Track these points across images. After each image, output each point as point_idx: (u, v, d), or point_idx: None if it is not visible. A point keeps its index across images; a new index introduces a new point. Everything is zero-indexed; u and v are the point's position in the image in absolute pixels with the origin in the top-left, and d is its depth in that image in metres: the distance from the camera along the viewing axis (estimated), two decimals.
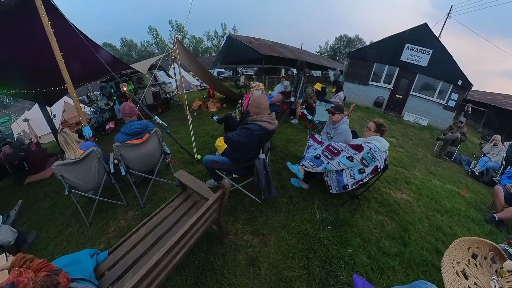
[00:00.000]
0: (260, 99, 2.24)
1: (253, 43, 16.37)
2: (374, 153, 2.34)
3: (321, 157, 2.51)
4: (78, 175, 2.46)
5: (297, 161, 3.17)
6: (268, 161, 2.69)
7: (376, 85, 10.36)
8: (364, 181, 2.42)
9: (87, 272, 1.43)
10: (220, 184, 1.58)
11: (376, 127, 2.57)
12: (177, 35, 4.43)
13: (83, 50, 3.57)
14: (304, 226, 2.31)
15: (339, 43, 58.64)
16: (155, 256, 1.16)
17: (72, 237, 2.57)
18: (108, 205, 2.85)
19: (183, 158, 3.89)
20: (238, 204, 2.63)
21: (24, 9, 2.47)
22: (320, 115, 4.69)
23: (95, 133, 5.78)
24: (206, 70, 7.28)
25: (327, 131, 3.15)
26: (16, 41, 3.07)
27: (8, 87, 5.17)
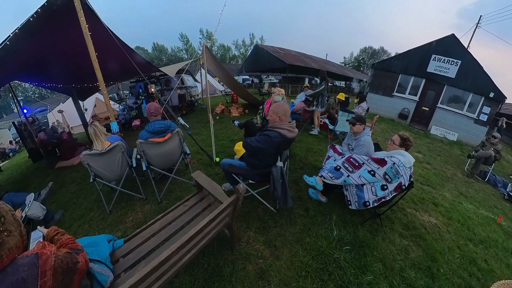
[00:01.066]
0: (281, 106, 2.25)
1: (278, 52, 17.11)
2: (398, 169, 2.21)
3: (341, 169, 2.43)
4: (103, 166, 2.67)
5: (315, 172, 3.08)
6: (285, 170, 2.66)
7: (401, 96, 10.10)
8: (386, 199, 2.27)
9: (104, 255, 1.54)
10: (235, 188, 1.59)
11: (400, 140, 2.45)
12: (206, 42, 4.68)
13: (117, 52, 3.95)
14: (320, 243, 2.21)
15: (364, 54, 59.28)
16: (166, 251, 1.21)
17: (93, 221, 2.82)
18: (128, 197, 3.05)
19: (202, 160, 4.01)
20: (252, 211, 2.61)
21: (69, 10, 2.77)
22: (342, 125, 4.63)
23: (121, 129, 6.20)
24: (231, 76, 7.57)
25: (348, 142, 3.07)
26: (60, 38, 3.49)
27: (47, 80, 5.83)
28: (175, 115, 4.04)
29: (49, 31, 3.12)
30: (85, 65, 3.42)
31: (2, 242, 0.89)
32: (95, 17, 3.13)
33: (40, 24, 2.78)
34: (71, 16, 2.76)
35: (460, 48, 8.44)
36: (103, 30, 3.41)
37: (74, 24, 2.80)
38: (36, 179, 4.75)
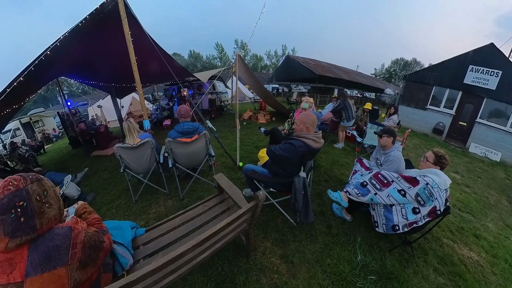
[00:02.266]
0: (310, 116, 2.25)
1: (309, 63, 17.70)
2: (432, 190, 2.00)
3: (368, 185, 2.28)
4: (133, 159, 2.92)
5: (341, 186, 2.93)
6: (309, 181, 2.59)
7: (435, 109, 9.36)
8: (419, 225, 2.07)
9: (126, 240, 1.66)
10: (255, 195, 1.59)
11: (435, 158, 2.24)
12: (240, 52, 4.93)
13: (155, 57, 4.34)
14: (342, 267, 2.06)
15: (395, 66, 57.97)
16: (183, 247, 1.25)
17: (120, 208, 3.09)
18: (153, 190, 3.27)
19: (225, 163, 4.11)
20: (271, 220, 2.57)
21: (114, 17, 3.12)
22: (371, 138, 4.44)
23: (153, 127, 6.68)
24: (261, 84, 7.79)
25: (376, 157, 2.91)
26: (104, 42, 3.95)
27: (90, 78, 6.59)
28: (203, 118, 4.22)
29: (95, 35, 3.55)
30: (125, 67, 3.81)
31: (43, 212, 1.03)
32: (138, 24, 3.50)
33: (88, 29, 3.16)
34: (116, 22, 3.11)
35: (501, 58, 7.65)
36: (144, 37, 3.79)
37: (118, 30, 3.15)
38: (74, 163, 5.41)
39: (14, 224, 0.94)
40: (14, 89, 2.90)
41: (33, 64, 2.82)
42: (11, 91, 2.89)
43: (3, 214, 0.93)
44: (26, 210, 0.97)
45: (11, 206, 0.94)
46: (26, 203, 0.98)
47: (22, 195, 0.98)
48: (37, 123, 14.89)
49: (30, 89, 4.57)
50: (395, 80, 52.97)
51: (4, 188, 0.95)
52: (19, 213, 0.95)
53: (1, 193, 0.94)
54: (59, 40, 2.90)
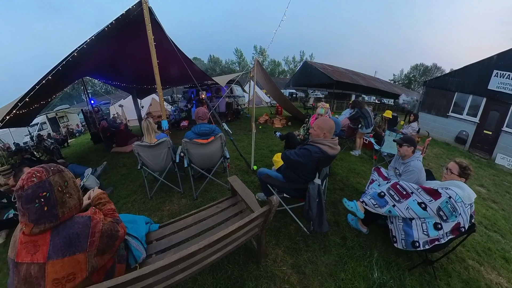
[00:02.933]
0: (328, 122, 2.22)
1: (326, 69, 17.92)
2: (455, 205, 1.86)
3: (385, 196, 2.16)
4: (150, 157, 3.04)
5: (357, 196, 2.85)
6: (324, 189, 2.54)
7: (457, 117, 8.82)
8: (441, 242, 1.90)
9: (141, 234, 1.73)
10: (268, 199, 1.58)
11: (459, 169, 2.09)
12: (258, 57, 5.00)
13: (176, 61, 4.52)
14: (357, 283, 1.95)
15: (415, 71, 56.31)
16: (194, 246, 1.26)
17: (136, 203, 3.22)
18: (167, 188, 3.37)
19: (240, 166, 4.13)
20: (283, 227, 2.53)
21: (139, 22, 3.28)
22: (389, 146, 4.29)
23: (170, 127, 6.88)
24: (278, 89, 7.86)
25: (395, 166, 2.79)
26: (128, 45, 4.17)
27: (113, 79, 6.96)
28: (220, 121, 4.30)
29: (120, 39, 3.77)
30: (147, 69, 4.00)
31: (64, 201, 1.11)
32: (161, 30, 3.67)
33: (113, 33, 3.36)
34: (140, 27, 3.28)
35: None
36: (166, 41, 3.98)
37: (142, 34, 3.31)
38: (94, 157, 5.73)
39: (38, 212, 1.03)
40: (43, 86, 3.11)
41: (61, 64, 3.04)
42: (40, 88, 3.10)
43: (28, 204, 1.01)
44: (49, 200, 1.05)
45: (35, 196, 1.02)
46: (49, 194, 1.05)
47: (45, 186, 1.05)
48: (62, 118, 16.07)
49: (57, 87, 4.92)
50: (414, 86, 51.73)
51: (28, 179, 1.03)
52: (42, 203, 1.03)
53: (25, 184, 1.02)
54: (86, 43, 3.11)
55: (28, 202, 1.01)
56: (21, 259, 1.04)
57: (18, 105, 3.04)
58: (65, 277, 1.07)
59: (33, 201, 1.02)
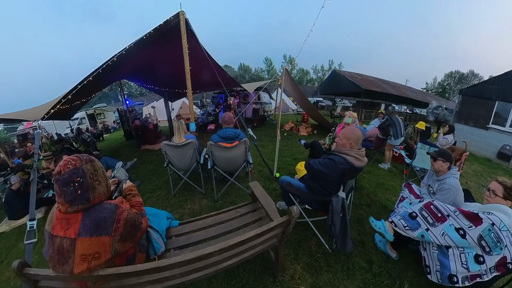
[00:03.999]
0: (355, 132, 2.12)
1: (355, 77, 17.57)
2: (500, 234, 1.58)
3: (417, 218, 1.91)
4: (176, 156, 3.19)
5: (385, 214, 2.63)
6: (348, 203, 2.38)
7: (499, 129, 7.69)
8: (484, 280, 1.62)
9: (162, 228, 1.82)
10: (288, 209, 1.53)
11: (503, 190, 1.81)
12: (287, 66, 5.04)
13: (207, 68, 4.76)
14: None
15: (449, 79, 52.46)
16: (210, 248, 1.28)
17: (160, 198, 3.41)
18: (190, 187, 3.49)
19: (262, 172, 4.12)
20: (303, 241, 2.41)
21: (175, 32, 3.50)
22: (421, 160, 3.91)
23: (198, 129, 7.21)
24: (305, 97, 7.81)
25: (428, 183, 2.52)
26: (163, 52, 4.48)
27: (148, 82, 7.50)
28: (246, 126, 4.37)
29: (156, 46, 4.07)
30: (179, 74, 4.27)
31: (95, 187, 1.23)
32: (195, 39, 3.90)
33: (151, 41, 3.63)
34: (176, 36, 3.50)
35: None
36: (199, 50, 4.22)
37: (177, 42, 3.53)
38: (125, 152, 6.20)
39: (73, 195, 1.17)
40: (84, 86, 3.44)
41: (101, 67, 3.34)
42: (82, 87, 3.44)
43: (64, 187, 1.15)
44: (82, 184, 1.19)
45: (71, 180, 1.16)
46: (82, 179, 1.19)
47: (79, 172, 1.19)
48: (99, 115, 17.90)
49: (97, 87, 5.45)
50: (449, 95, 48.30)
51: (64, 166, 1.17)
52: (76, 187, 1.17)
53: (62, 170, 1.16)
54: (125, 49, 3.40)
55: (64, 185, 1.16)
56: (56, 232, 1.19)
57: (61, 101, 3.39)
58: (91, 255, 1.19)
59: (68, 184, 1.16)
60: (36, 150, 2.76)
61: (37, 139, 2.84)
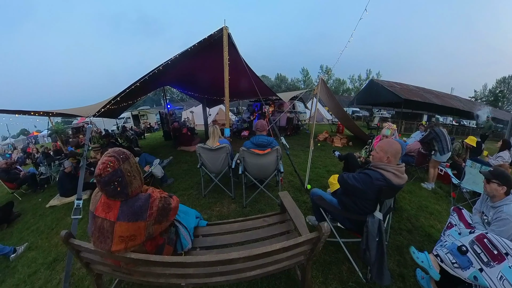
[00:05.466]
0: (393, 145, 1.96)
1: (394, 87, 16.78)
2: None
3: (468, 253, 1.60)
4: (209, 158, 3.34)
5: (429, 245, 2.31)
6: (386, 226, 2.18)
7: None
8: None
9: (190, 225, 1.93)
10: (318, 225, 1.42)
11: None
12: (323, 76, 4.95)
13: (245, 77, 4.93)
14: None
15: (503, 85, 44.47)
16: (234, 253, 1.29)
17: (190, 197, 3.61)
18: (220, 190, 3.58)
19: (293, 182, 4.04)
20: (334, 264, 2.21)
21: (218, 44, 3.68)
22: (472, 181, 3.35)
23: (232, 135, 7.44)
24: (341, 107, 7.55)
25: (482, 210, 2.17)
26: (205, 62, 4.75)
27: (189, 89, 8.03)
28: (279, 134, 4.36)
29: (199, 57, 4.35)
30: (218, 83, 4.51)
31: (131, 182, 1.39)
32: (236, 51, 4.08)
33: (195, 52, 3.87)
34: (218, 48, 3.70)
35: None
36: (239, 61, 4.40)
37: (218, 53, 3.73)
38: (163, 151, 6.73)
39: (114, 192, 1.33)
40: (132, 90, 3.79)
41: (148, 74, 3.66)
42: (130, 91, 3.78)
43: (105, 186, 1.31)
44: (121, 183, 1.34)
45: (111, 181, 1.31)
46: (121, 179, 1.34)
47: (117, 174, 1.32)
48: (142, 116, 20.07)
49: (143, 91, 6.05)
50: (502, 104, 41.80)
51: (104, 170, 1.30)
52: (116, 185, 1.32)
53: (102, 173, 1.29)
54: (170, 59, 3.69)
55: (105, 185, 1.32)
56: (98, 213, 1.36)
57: (111, 102, 3.78)
58: (128, 237, 1.35)
59: (108, 184, 1.31)
60: (87, 142, 3.14)
61: (88, 132, 3.25)
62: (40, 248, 2.96)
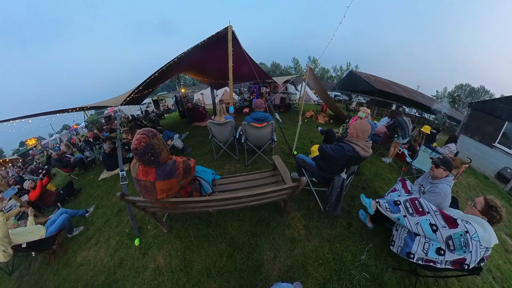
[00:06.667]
0: (363, 125, 2.01)
1: (369, 78, 16.50)
2: (470, 242, 1.47)
3: (400, 206, 1.83)
4: (218, 131, 3.42)
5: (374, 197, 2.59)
6: (347, 183, 2.40)
7: (504, 150, 6.20)
8: (436, 266, 1.59)
9: (208, 179, 2.21)
10: (299, 179, 1.65)
11: (484, 206, 1.61)
12: (311, 65, 4.92)
13: (246, 64, 4.83)
14: (345, 254, 1.99)
15: (460, 91, 43.79)
16: (241, 193, 1.59)
17: (206, 161, 3.79)
18: (228, 155, 3.78)
19: (283, 149, 4.18)
20: (305, 200, 2.62)
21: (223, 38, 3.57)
22: (421, 162, 3.51)
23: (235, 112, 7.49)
24: (325, 91, 7.48)
25: (422, 183, 2.31)
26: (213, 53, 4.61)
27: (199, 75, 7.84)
28: (274, 111, 4.33)
29: (207, 49, 4.16)
30: (223, 70, 4.40)
31: (161, 153, 1.47)
32: (238, 43, 3.93)
33: (204, 45, 3.74)
34: (223, 42, 3.60)
35: None
36: (241, 51, 4.25)
37: (223, 45, 3.63)
38: (180, 127, 6.79)
39: (148, 161, 1.43)
40: (151, 80, 3.71)
41: (165, 66, 3.57)
42: (150, 81, 3.71)
43: (141, 157, 1.41)
44: (153, 153, 1.42)
45: (145, 153, 1.39)
46: (153, 150, 1.41)
47: (149, 147, 1.40)
48: (161, 100, 19.55)
49: (160, 80, 5.83)
50: (458, 106, 40.90)
51: (139, 144, 1.37)
52: (150, 155, 1.41)
53: (138, 147, 1.37)
54: (184, 53, 3.59)
55: (141, 156, 1.40)
56: (140, 177, 1.50)
57: (135, 91, 3.74)
58: (166, 189, 1.53)
59: (144, 155, 1.40)
60: (118, 126, 3.25)
61: (118, 119, 3.35)
62: (105, 206, 3.24)
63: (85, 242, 2.63)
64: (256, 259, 2.00)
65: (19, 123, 3.32)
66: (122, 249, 2.33)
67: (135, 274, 2.02)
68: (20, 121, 3.27)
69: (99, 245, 2.51)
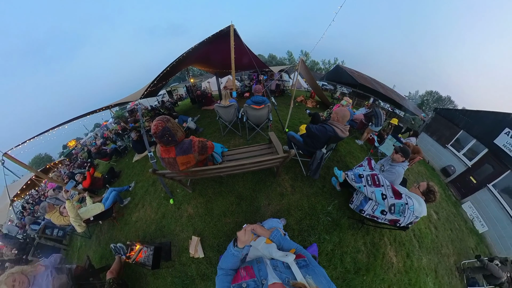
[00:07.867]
0: (343, 111, 2.05)
1: (353, 73, 16.03)
2: (406, 210, 1.69)
3: (363, 178, 1.97)
4: (224, 113, 3.38)
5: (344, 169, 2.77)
6: (326, 156, 2.54)
7: (454, 152, 6.30)
8: (378, 220, 1.90)
9: (218, 151, 2.32)
10: (289, 150, 1.75)
11: (425, 189, 1.78)
12: (303, 57, 4.71)
13: (246, 56, 4.56)
14: (317, 205, 2.35)
15: (429, 96, 42.14)
16: (244, 160, 1.76)
17: (215, 137, 3.79)
18: (232, 132, 3.78)
19: (277, 127, 4.15)
20: (292, 166, 2.79)
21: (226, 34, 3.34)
22: (386, 147, 3.64)
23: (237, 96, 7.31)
24: (314, 80, 7.28)
25: (383, 163, 2.40)
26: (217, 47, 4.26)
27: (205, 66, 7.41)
28: (270, 95, 4.20)
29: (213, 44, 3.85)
30: (227, 61, 4.16)
31: (176, 133, 1.48)
32: (239, 39, 3.67)
33: (209, 41, 3.46)
34: (226, 37, 3.38)
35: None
36: (242, 45, 3.97)
37: (227, 40, 3.42)
38: (192, 112, 6.53)
39: (167, 141, 1.45)
40: (164, 73, 3.53)
41: (175, 61, 3.35)
42: (163, 74, 3.53)
43: (161, 138, 1.42)
44: (170, 134, 1.44)
45: (163, 135, 1.41)
46: (169, 132, 1.43)
47: (166, 129, 1.41)
48: (174, 90, 18.74)
49: (172, 73, 5.48)
50: (425, 109, 39.02)
51: (157, 128, 1.39)
52: (168, 136, 1.43)
53: (157, 131, 1.38)
54: (191, 48, 3.35)
55: (161, 138, 1.42)
56: (163, 156, 1.55)
57: (151, 85, 3.58)
58: (186, 162, 1.59)
59: (163, 137, 1.42)
60: (140, 117, 3.40)
61: (140, 111, 3.55)
62: (142, 180, 3.44)
63: (135, 207, 2.93)
64: (256, 205, 2.36)
65: (57, 131, 3.29)
66: (162, 207, 2.65)
67: (175, 221, 2.43)
68: (58, 128, 3.24)
69: (145, 207, 2.81)
